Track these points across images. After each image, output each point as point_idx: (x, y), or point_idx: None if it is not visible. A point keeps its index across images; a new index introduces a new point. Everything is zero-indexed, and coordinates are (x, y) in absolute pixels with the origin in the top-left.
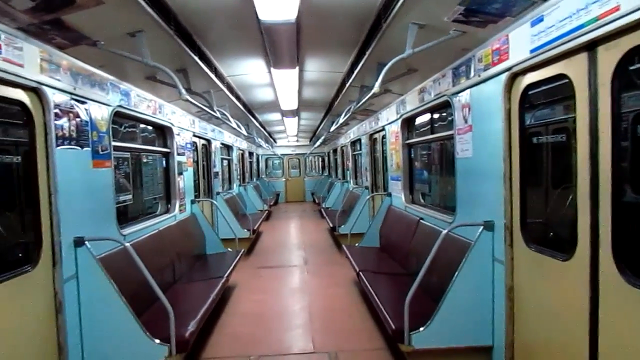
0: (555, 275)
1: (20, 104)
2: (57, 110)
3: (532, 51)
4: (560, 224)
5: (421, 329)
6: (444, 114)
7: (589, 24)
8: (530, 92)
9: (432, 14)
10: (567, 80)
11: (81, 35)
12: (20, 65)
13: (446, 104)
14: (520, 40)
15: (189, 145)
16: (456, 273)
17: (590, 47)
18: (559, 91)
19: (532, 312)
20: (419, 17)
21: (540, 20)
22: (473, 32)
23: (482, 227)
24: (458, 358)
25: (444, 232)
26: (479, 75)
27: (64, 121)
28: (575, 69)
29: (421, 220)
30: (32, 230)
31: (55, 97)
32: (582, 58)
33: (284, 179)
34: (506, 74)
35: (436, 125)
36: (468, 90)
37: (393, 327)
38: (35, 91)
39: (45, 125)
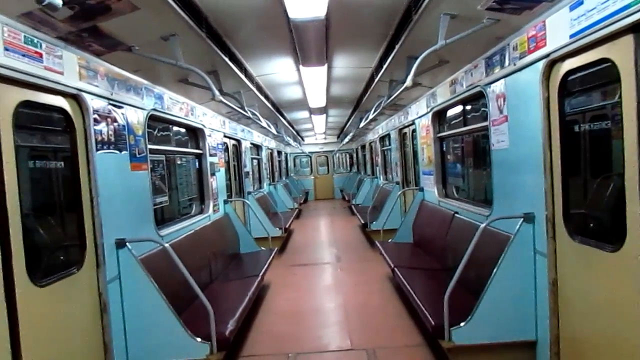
0: (602, 267)
1: (62, 110)
2: (95, 116)
3: (571, 36)
4: (607, 213)
5: (462, 324)
6: (477, 105)
7: (635, 4)
8: (569, 79)
9: (465, 3)
10: (610, 65)
11: (117, 41)
12: (61, 73)
13: (479, 95)
14: (559, 26)
15: (220, 146)
16: (496, 267)
17: (636, 29)
18: (602, 76)
19: (578, 306)
20: (451, 7)
21: (580, 3)
22: (507, 20)
23: (522, 220)
24: (501, 353)
25: (483, 225)
26: (514, 64)
27: (102, 126)
28: (619, 53)
29: (456, 214)
30: (77, 233)
31: (93, 103)
32: (628, 41)
33: (312, 177)
34: (544, 61)
35: (469, 117)
36: (503, 80)
37: (432, 323)
38: (75, 97)
39: (85, 131)
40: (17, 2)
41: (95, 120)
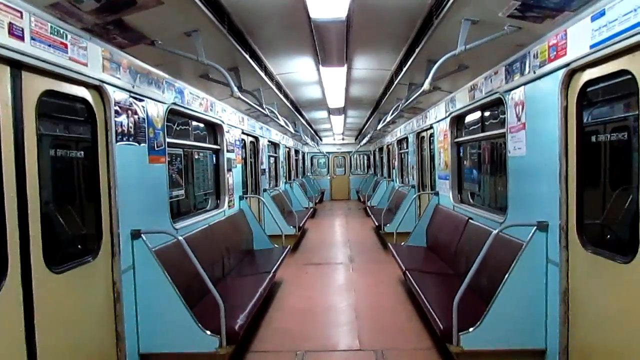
0: (614, 278)
1: (84, 101)
2: (117, 108)
3: (592, 46)
4: (621, 225)
5: (471, 329)
6: (495, 112)
7: None
8: (589, 89)
9: (487, 9)
10: (629, 77)
11: (140, 34)
12: (84, 64)
13: (498, 102)
14: (580, 36)
15: (238, 142)
16: (507, 274)
17: None
18: (622, 88)
19: (590, 316)
20: (473, 12)
21: (602, 14)
22: (529, 28)
23: (535, 228)
24: None
25: (495, 232)
26: (534, 72)
27: (123, 118)
28: (639, 65)
29: (470, 220)
30: (93, 223)
31: (115, 95)
32: None
33: (329, 177)
34: (564, 70)
35: (487, 123)
36: (522, 87)
37: (441, 327)
38: (97, 89)
39: (106, 122)
40: None
41: (116, 112)
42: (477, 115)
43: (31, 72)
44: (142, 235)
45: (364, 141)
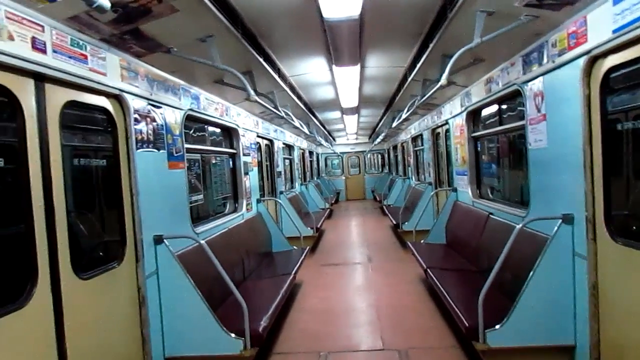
0: None
1: (104, 110)
2: (136, 115)
3: (614, 31)
4: None
5: (497, 326)
6: (513, 104)
7: None
8: (612, 76)
9: (502, 0)
10: None
11: (156, 42)
12: (104, 74)
13: (516, 94)
14: (601, 21)
15: (253, 146)
16: (533, 269)
17: None
18: None
19: (621, 311)
20: (488, 3)
21: None
22: (546, 16)
23: (560, 221)
24: (537, 357)
25: (519, 226)
26: (553, 61)
27: (142, 125)
28: None
29: (491, 215)
30: (117, 229)
31: (134, 103)
32: None
33: (343, 177)
34: (584, 57)
35: (504, 116)
36: (541, 78)
37: (466, 324)
38: (116, 97)
39: (126, 130)
40: (65, 6)
41: (135, 119)
42: (494, 108)
43: (54, 83)
44: (164, 240)
45: (378, 140)
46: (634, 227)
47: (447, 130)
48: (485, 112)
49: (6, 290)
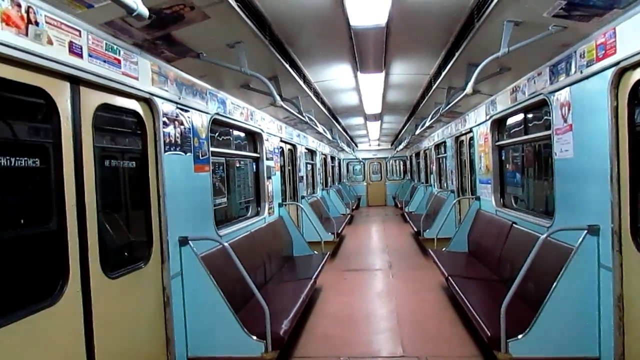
0: None
1: (135, 113)
2: (164, 119)
3: None
4: None
5: (519, 336)
6: (539, 114)
7: None
8: None
9: (530, 10)
10: None
11: (187, 48)
12: (136, 78)
13: (542, 103)
14: (630, 33)
15: (276, 150)
16: (557, 279)
17: None
18: None
19: None
20: (516, 13)
21: None
22: (575, 27)
23: (585, 232)
24: None
25: (543, 236)
26: (581, 72)
27: (170, 129)
28: None
29: (514, 225)
30: (144, 230)
31: (163, 107)
32: None
33: (365, 183)
34: (613, 69)
35: (530, 125)
36: (568, 88)
37: (489, 333)
38: (147, 101)
39: (155, 133)
40: (101, 12)
41: (164, 123)
42: (519, 117)
43: (88, 86)
44: (189, 241)
45: (401, 146)
46: None
47: (471, 139)
48: (509, 120)
49: (39, 287)
